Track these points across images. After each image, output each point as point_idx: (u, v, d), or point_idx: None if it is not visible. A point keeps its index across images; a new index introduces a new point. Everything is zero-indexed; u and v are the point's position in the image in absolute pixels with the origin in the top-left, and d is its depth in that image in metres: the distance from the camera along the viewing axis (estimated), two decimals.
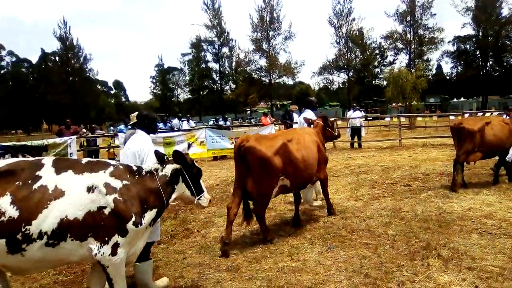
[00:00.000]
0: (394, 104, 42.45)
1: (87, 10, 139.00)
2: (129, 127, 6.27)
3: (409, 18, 59.48)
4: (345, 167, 11.62)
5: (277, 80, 65.27)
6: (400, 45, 61.95)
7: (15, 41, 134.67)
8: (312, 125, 7.03)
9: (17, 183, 3.02)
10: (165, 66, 76.28)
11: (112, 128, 18.63)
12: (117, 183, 3.31)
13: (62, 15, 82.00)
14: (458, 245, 5.00)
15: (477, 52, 60.70)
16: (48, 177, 3.12)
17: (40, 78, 66.21)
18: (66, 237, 3.06)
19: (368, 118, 29.09)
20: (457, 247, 4.91)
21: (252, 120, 49.55)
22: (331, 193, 8.05)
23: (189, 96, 73.52)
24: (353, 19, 63.07)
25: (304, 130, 6.68)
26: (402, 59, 62.51)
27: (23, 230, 2.94)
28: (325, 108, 64.12)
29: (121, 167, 3.49)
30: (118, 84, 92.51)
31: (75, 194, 3.12)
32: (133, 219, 3.29)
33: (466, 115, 18.20)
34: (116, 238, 3.21)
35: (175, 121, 21.55)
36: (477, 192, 7.65)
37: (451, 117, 22.24)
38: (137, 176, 3.52)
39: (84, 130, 16.98)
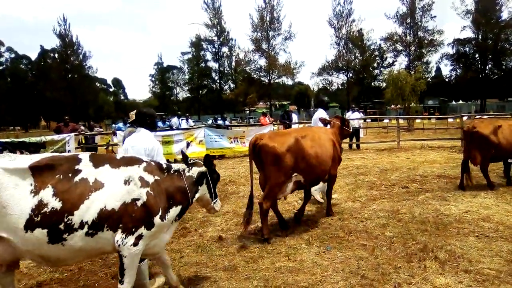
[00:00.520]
0: (393, 106, 42.48)
1: (87, 9, 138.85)
2: (128, 125, 6.28)
3: (409, 20, 59.45)
4: (343, 168, 11.60)
5: (277, 80, 65.31)
6: (399, 47, 61.92)
7: (14, 38, 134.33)
8: (329, 125, 7.16)
9: (57, 176, 3.17)
10: (165, 65, 76.35)
11: (114, 125, 18.65)
12: (149, 178, 3.50)
13: (62, 13, 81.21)
14: (455, 247, 5.01)
15: (477, 55, 60.68)
16: (87, 170, 3.30)
17: (39, 75, 65.98)
18: (103, 227, 3.22)
19: (367, 120, 29.09)
20: (454, 250, 4.93)
21: (251, 119, 49.50)
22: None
23: (188, 95, 73.53)
24: (353, 20, 63.08)
25: (320, 129, 6.87)
26: (402, 61, 62.54)
27: (65, 220, 3.10)
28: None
29: (152, 163, 3.69)
30: (117, 82, 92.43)
31: (114, 186, 3.30)
32: (160, 213, 3.47)
33: (465, 118, 18.23)
34: (142, 230, 3.37)
35: (174, 120, 21.56)
36: (475, 195, 7.67)
37: (450, 120, 22.25)
38: (166, 174, 3.72)
39: (83, 128, 16.95)
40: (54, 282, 4.60)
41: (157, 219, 3.44)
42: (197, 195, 3.95)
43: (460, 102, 63.95)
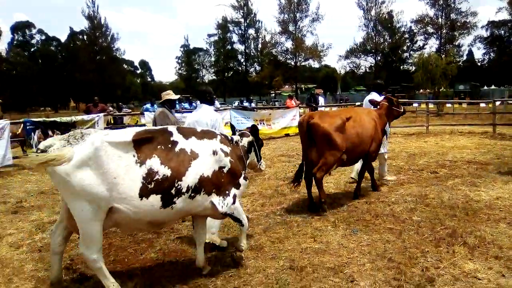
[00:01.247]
0: (422, 90, 41.45)
1: None
2: (156, 106, 6.41)
3: (441, 2, 57.44)
4: None
5: (303, 63, 64.46)
6: (430, 30, 59.92)
7: (43, 19, 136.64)
8: (378, 106, 7.33)
9: (159, 147, 3.54)
10: (191, 47, 76.42)
11: (145, 106, 18.94)
12: (227, 148, 4.00)
13: None
14: (485, 233, 4.91)
15: None
16: (182, 142, 3.69)
17: (68, 57, 67.11)
18: (200, 191, 3.70)
19: None
20: (484, 236, 4.83)
21: (276, 102, 49.19)
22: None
23: (214, 77, 73.56)
24: (383, 2, 61.16)
25: (363, 110, 7.22)
26: (432, 44, 60.41)
27: (176, 185, 3.50)
28: (350, 93, 63.28)
29: (223, 136, 4.15)
30: (144, 64, 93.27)
31: (205, 156, 3.76)
32: (243, 175, 4.12)
33: (498, 103, 17.66)
34: (234, 191, 4.00)
35: None
36: (506, 181, 7.45)
37: (482, 105, 21.57)
38: (231, 144, 4.18)
39: (111, 108, 17.27)
40: None
41: (242, 180, 4.09)
42: (248, 161, 4.48)
43: (493, 87, 61.69)
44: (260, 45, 66.97)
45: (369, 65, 65.81)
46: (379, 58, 63.10)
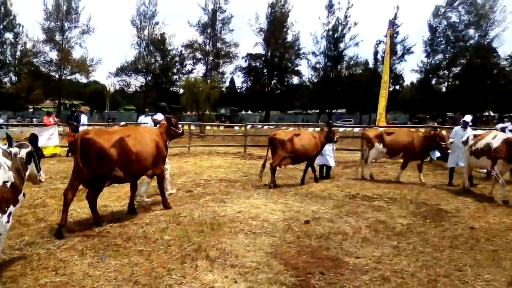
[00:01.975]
0: (188, 112, 44.06)
1: None
2: None
3: (209, 30, 62.77)
4: None
5: (69, 77, 60.33)
6: (199, 55, 64.73)
7: None
8: (158, 125, 7.78)
9: None
10: None
11: None
12: (8, 162, 3.90)
13: None
14: (226, 245, 5.45)
15: (265, 71, 68.00)
16: None
17: None
18: None
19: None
20: (224, 247, 5.35)
21: (34, 119, 44.20)
22: (111, 201, 7.85)
23: None
24: (157, 23, 63.15)
25: (145, 128, 7.62)
26: (200, 69, 65.30)
27: None
28: (119, 111, 62.21)
29: (2, 149, 3.99)
30: None
31: None
32: (22, 191, 4.06)
33: (249, 127, 20.27)
34: (12, 208, 3.89)
35: None
36: (249, 196, 8.55)
37: (236, 128, 24.40)
38: (10, 157, 4.03)
39: None
40: None
41: (21, 196, 4.04)
42: (27, 173, 4.35)
43: (249, 112, 70.61)
44: (18, 53, 59.48)
45: (140, 84, 66.22)
46: (149, 78, 64.24)
